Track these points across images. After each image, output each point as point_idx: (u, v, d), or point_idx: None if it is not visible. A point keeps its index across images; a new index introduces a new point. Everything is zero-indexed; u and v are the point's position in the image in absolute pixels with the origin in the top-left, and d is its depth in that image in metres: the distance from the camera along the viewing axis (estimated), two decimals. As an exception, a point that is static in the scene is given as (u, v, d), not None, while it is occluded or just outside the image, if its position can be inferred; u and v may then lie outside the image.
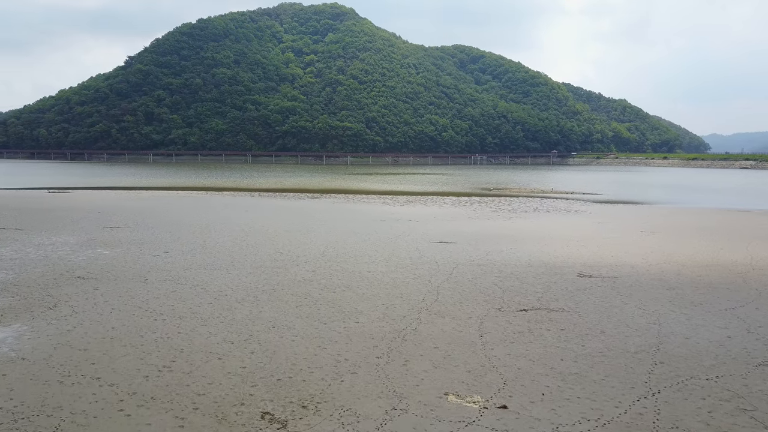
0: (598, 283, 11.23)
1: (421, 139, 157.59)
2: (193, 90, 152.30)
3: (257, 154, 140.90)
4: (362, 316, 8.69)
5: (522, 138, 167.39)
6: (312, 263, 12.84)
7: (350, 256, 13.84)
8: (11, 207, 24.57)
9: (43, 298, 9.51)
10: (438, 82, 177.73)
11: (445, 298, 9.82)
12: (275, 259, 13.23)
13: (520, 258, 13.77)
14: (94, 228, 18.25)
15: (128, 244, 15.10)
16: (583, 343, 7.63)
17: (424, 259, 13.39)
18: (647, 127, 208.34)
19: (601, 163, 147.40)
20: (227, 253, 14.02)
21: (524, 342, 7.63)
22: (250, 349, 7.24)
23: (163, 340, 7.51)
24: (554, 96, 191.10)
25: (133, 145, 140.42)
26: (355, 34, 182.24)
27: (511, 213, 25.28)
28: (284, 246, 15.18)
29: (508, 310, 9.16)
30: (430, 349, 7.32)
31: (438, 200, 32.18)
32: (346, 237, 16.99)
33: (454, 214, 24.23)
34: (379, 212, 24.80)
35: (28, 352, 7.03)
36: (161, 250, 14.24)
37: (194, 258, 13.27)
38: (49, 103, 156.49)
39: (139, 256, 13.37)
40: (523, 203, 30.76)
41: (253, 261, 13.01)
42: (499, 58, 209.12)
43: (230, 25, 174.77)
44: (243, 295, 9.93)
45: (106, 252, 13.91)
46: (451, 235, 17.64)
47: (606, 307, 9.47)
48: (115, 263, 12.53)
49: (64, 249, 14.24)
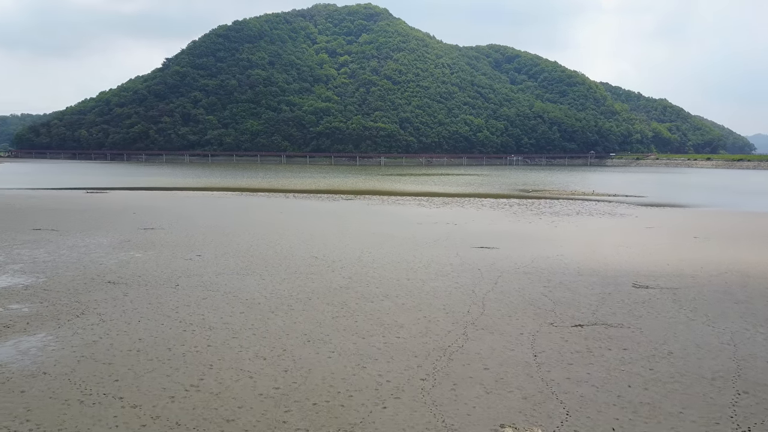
0: (657, 295, 10.37)
1: (456, 140, 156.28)
2: (229, 91, 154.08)
3: (291, 154, 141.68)
4: (403, 330, 8.07)
5: (559, 138, 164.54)
6: (348, 269, 12.27)
7: (387, 261, 13.23)
8: (49, 207, 24.70)
9: (71, 305, 9.15)
10: (473, 82, 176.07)
11: (492, 311, 9.12)
12: (310, 264, 12.71)
13: (568, 265, 12.95)
14: (129, 229, 18.05)
15: (161, 247, 14.79)
16: (650, 366, 6.85)
17: (466, 266, 12.69)
18: (689, 127, 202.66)
19: (640, 164, 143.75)
20: (261, 257, 13.56)
21: (584, 364, 6.89)
22: (284, 366, 6.69)
23: (192, 355, 7.02)
24: (592, 96, 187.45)
25: (171, 146, 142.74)
26: (388, 34, 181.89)
27: (553, 216, 24.32)
28: (319, 250, 14.66)
29: (562, 325, 8.41)
30: (479, 370, 6.65)
31: (475, 202, 31.35)
32: (383, 241, 16.39)
33: (494, 217, 23.41)
34: (415, 214, 24.15)
35: (50, 365, 6.61)
36: (194, 254, 13.87)
37: (227, 262, 12.84)
38: (89, 105, 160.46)
39: (171, 260, 13.01)
40: (565, 206, 29.69)
41: (288, 266, 12.50)
42: (535, 57, 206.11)
43: (265, 27, 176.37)
44: (277, 303, 9.41)
45: (138, 255, 13.60)
46: (493, 239, 16.87)
47: (670, 323, 8.64)
48: (146, 267, 12.17)
49: (96, 252, 13.99)
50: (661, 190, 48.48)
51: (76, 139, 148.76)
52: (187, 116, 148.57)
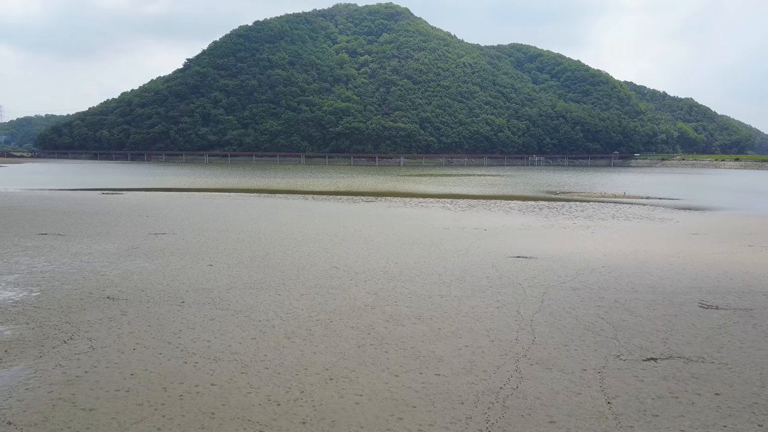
0: (731, 317, 8.96)
1: (476, 140, 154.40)
2: (249, 91, 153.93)
3: (310, 155, 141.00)
4: (443, 365, 6.78)
5: (582, 139, 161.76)
6: (373, 282, 11.01)
7: (416, 273, 11.95)
8: (59, 210, 23.84)
9: (60, 327, 8.02)
10: (494, 82, 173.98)
11: (545, 338, 7.79)
12: (331, 277, 11.48)
13: (619, 280, 11.55)
14: (139, 235, 17.01)
15: (170, 255, 13.68)
16: (758, 419, 5.49)
17: (505, 280, 11.36)
18: (715, 127, 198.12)
19: (666, 164, 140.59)
20: (277, 267, 12.37)
21: (672, 415, 5.55)
22: (302, 416, 5.45)
23: (191, 397, 5.82)
24: (616, 95, 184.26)
25: (190, 146, 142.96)
26: (409, 33, 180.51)
27: (587, 220, 22.84)
28: (340, 259, 13.44)
29: (631, 359, 7.07)
30: (544, 424, 5.34)
31: (502, 205, 29.92)
32: (409, 248, 15.11)
33: (525, 222, 21.99)
34: (440, 218, 22.84)
35: (18, 413, 5.44)
36: (205, 263, 12.73)
37: (240, 274, 11.67)
38: (111, 105, 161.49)
39: (180, 270, 11.87)
40: (598, 209, 28.14)
41: (306, 278, 11.29)
42: (558, 56, 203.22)
43: (285, 27, 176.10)
44: (293, 326, 8.19)
45: (145, 264, 12.49)
46: (528, 247, 15.50)
47: (760, 356, 7.24)
48: (151, 279, 11.04)
49: (100, 260, 12.92)
50: (695, 192, 46.48)
51: (98, 140, 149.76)
52: (207, 116, 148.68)
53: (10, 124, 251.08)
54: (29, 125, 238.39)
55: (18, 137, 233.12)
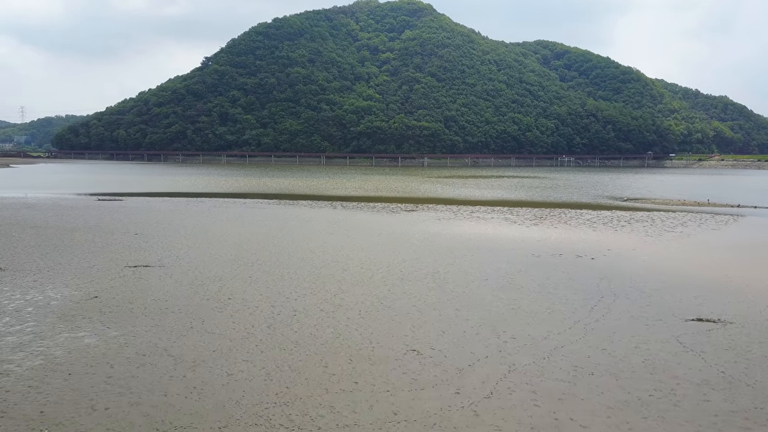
0: None
1: (503, 139, 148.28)
2: (268, 90, 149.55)
3: (331, 155, 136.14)
4: None
5: (613, 138, 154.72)
6: (499, 398, 5.80)
7: (568, 377, 6.70)
8: (31, 224, 18.91)
9: None
10: (521, 79, 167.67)
11: None
12: (403, 371, 6.29)
13: None
14: (111, 268, 11.98)
15: (143, 314, 8.60)
16: None
17: (699, 393, 6.06)
18: (753, 126, 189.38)
19: (704, 165, 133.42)
20: (312, 346, 7.20)
21: None
22: None
23: None
24: (648, 93, 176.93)
25: (208, 146, 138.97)
26: (433, 30, 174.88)
27: (710, 239, 17.35)
28: (417, 329, 8.25)
29: None
30: None
31: (574, 215, 24.43)
32: (515, 302, 9.87)
33: (632, 243, 16.54)
34: (513, 238, 17.51)
35: None
36: (195, 330, 7.61)
37: (252, 368, 6.52)
38: (129, 105, 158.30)
39: (145, 355, 6.76)
40: (702, 222, 22.54)
41: (368, 380, 6.12)
42: (586, 53, 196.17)
43: (305, 24, 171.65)
44: None
45: (90, 340, 7.41)
46: (695, 298, 10.16)
47: None
48: (82, 387, 5.94)
49: (26, 325, 7.88)
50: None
51: (114, 140, 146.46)
52: (225, 116, 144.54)
53: (30, 125, 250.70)
54: (49, 125, 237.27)
55: (38, 138, 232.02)
